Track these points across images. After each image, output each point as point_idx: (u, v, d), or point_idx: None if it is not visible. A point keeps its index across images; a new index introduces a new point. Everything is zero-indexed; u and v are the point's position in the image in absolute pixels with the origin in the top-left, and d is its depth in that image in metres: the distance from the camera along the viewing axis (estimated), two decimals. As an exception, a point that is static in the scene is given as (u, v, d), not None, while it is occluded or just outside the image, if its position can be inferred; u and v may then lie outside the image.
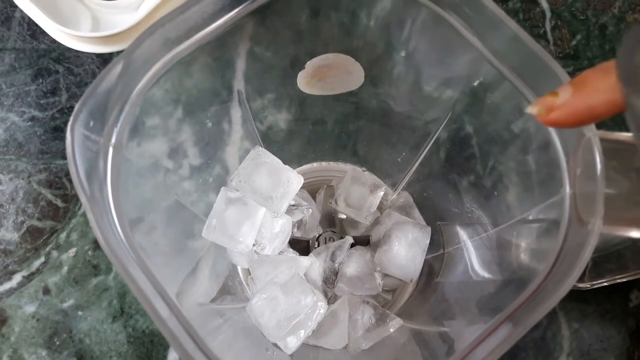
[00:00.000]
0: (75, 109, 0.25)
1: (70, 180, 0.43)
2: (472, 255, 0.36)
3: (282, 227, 0.38)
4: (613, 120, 0.45)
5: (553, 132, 0.27)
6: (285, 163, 0.37)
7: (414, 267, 0.37)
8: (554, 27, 0.49)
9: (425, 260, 0.38)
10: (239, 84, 0.35)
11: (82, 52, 0.37)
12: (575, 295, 0.41)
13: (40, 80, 0.45)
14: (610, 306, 0.41)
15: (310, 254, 0.39)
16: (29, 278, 0.41)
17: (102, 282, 0.41)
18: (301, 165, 0.44)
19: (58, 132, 0.44)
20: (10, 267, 0.41)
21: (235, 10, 0.27)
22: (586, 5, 0.50)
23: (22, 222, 0.42)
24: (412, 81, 0.36)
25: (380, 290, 0.38)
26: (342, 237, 0.40)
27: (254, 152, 0.37)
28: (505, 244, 0.33)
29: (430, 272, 0.39)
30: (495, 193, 0.34)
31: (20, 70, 0.45)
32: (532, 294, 0.25)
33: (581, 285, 0.37)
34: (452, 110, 0.36)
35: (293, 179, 0.37)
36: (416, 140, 0.40)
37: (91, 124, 0.25)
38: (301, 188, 0.38)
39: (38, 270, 0.41)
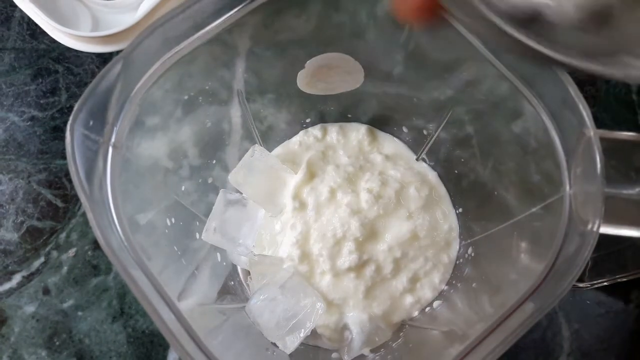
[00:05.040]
0: (75, 108, 0.25)
1: (70, 180, 0.43)
2: (472, 255, 0.36)
3: (282, 227, 0.38)
4: (613, 120, 0.45)
5: (553, 132, 0.27)
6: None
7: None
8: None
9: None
10: (239, 84, 0.35)
11: (82, 52, 0.37)
12: (575, 295, 0.41)
13: (40, 80, 0.45)
14: (610, 306, 0.41)
15: None
16: (28, 278, 0.41)
17: (102, 282, 0.41)
18: (301, 165, 0.44)
19: (58, 132, 0.44)
20: (10, 267, 0.41)
21: (235, 9, 0.27)
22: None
23: (22, 222, 0.42)
24: (412, 81, 0.36)
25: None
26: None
27: (252, 151, 0.37)
28: (505, 243, 0.33)
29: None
30: (495, 193, 0.34)
31: (20, 70, 0.45)
32: (532, 293, 0.25)
33: (581, 285, 0.37)
34: (452, 110, 0.36)
35: (291, 179, 0.37)
36: (416, 140, 0.40)
37: (91, 123, 0.25)
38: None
39: (38, 271, 0.41)
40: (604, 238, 0.24)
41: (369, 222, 0.35)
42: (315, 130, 0.40)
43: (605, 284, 0.37)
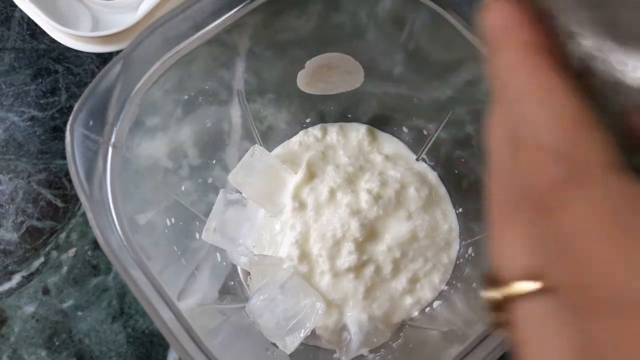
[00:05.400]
0: (75, 108, 0.25)
1: (70, 180, 0.43)
2: (472, 255, 0.36)
3: (282, 227, 0.38)
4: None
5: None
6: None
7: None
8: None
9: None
10: (239, 84, 0.35)
11: (82, 52, 0.37)
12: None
13: (40, 80, 0.45)
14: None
15: None
16: (28, 278, 0.41)
17: (101, 282, 0.41)
18: (301, 165, 0.44)
19: (58, 132, 0.44)
20: (9, 268, 0.41)
21: (235, 9, 0.27)
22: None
23: (22, 222, 0.42)
24: (412, 81, 0.36)
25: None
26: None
27: (252, 151, 0.37)
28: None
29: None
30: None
31: (20, 70, 0.45)
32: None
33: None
34: (452, 110, 0.36)
35: (291, 179, 0.37)
36: (416, 140, 0.40)
37: (91, 123, 0.25)
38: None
39: (37, 271, 0.41)
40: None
41: (369, 222, 0.35)
42: (315, 130, 0.40)
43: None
